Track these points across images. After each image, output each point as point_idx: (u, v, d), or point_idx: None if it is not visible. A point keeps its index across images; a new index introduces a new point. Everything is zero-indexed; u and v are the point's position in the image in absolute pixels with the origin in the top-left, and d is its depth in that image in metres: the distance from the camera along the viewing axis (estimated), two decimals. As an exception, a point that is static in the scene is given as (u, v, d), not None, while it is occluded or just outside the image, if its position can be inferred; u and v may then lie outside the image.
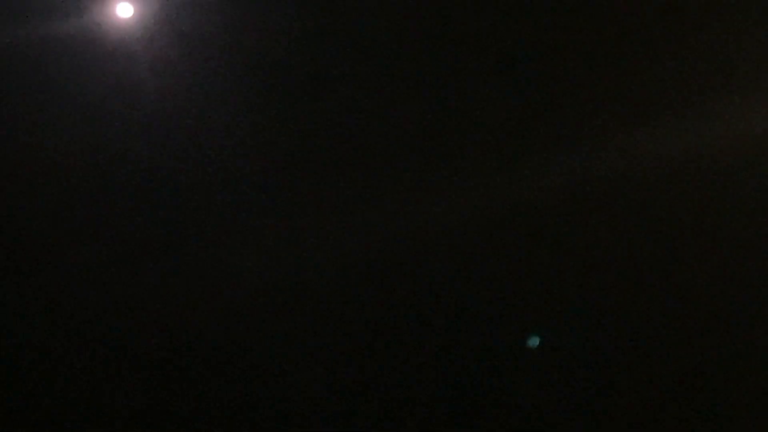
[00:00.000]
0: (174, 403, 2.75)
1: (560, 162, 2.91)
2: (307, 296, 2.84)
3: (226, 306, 2.87)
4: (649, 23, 2.92)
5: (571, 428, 2.78)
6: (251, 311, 2.86)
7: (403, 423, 2.81)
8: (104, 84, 2.80)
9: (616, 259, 2.95)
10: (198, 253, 2.82)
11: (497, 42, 2.93)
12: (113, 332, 2.77)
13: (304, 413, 2.77)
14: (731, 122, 2.90)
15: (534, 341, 2.81)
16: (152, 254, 2.81)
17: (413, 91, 3.00)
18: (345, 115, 2.91)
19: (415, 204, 2.96)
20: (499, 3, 2.88)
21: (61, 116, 2.74)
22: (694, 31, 2.88)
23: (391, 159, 3.02)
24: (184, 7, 2.87)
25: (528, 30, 2.94)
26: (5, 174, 2.71)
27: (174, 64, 2.84)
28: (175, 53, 2.85)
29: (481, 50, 2.95)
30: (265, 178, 2.83)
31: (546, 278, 2.93)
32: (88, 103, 2.77)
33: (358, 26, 2.92)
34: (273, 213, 2.87)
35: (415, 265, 2.92)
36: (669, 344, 2.91)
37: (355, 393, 2.80)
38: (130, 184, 2.77)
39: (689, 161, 2.92)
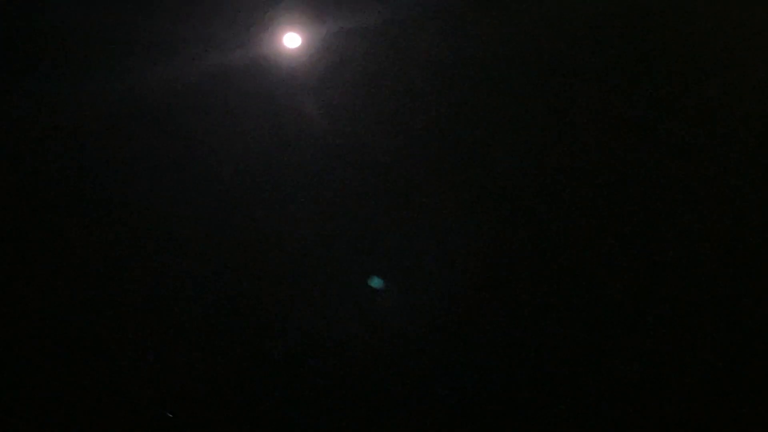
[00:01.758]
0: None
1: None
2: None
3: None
4: None
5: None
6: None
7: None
8: (273, 110, 2.91)
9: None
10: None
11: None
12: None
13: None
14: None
15: (377, 282, 2.88)
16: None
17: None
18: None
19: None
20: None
21: (235, 140, 2.87)
22: None
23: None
24: (347, 36, 3.00)
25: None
26: (192, 191, 2.83)
27: (339, 91, 2.95)
28: (339, 81, 2.96)
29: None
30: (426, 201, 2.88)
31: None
32: (258, 127, 2.89)
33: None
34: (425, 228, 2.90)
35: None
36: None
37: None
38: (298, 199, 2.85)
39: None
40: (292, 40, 3.01)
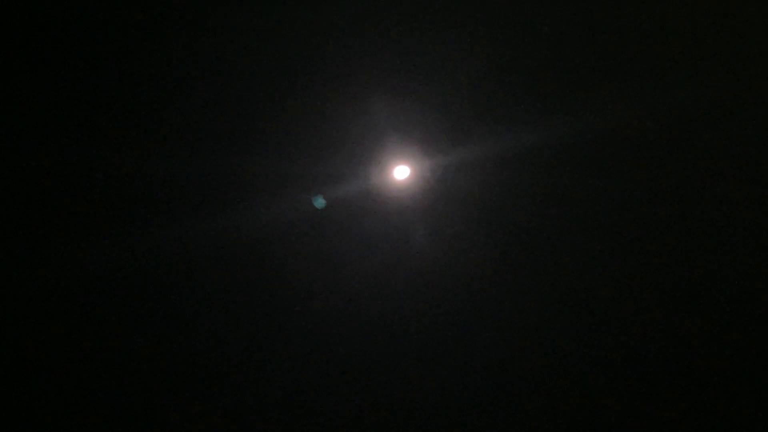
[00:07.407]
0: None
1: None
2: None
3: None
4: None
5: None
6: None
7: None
8: (384, 240, 2.97)
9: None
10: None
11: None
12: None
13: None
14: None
15: (319, 202, 2.99)
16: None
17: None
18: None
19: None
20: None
21: (349, 270, 2.92)
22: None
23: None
24: (455, 170, 3.08)
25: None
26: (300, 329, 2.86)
27: (447, 223, 3.00)
28: (448, 213, 3.01)
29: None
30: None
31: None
32: (370, 257, 2.95)
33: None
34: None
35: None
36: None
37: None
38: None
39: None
40: (401, 172, 3.13)
